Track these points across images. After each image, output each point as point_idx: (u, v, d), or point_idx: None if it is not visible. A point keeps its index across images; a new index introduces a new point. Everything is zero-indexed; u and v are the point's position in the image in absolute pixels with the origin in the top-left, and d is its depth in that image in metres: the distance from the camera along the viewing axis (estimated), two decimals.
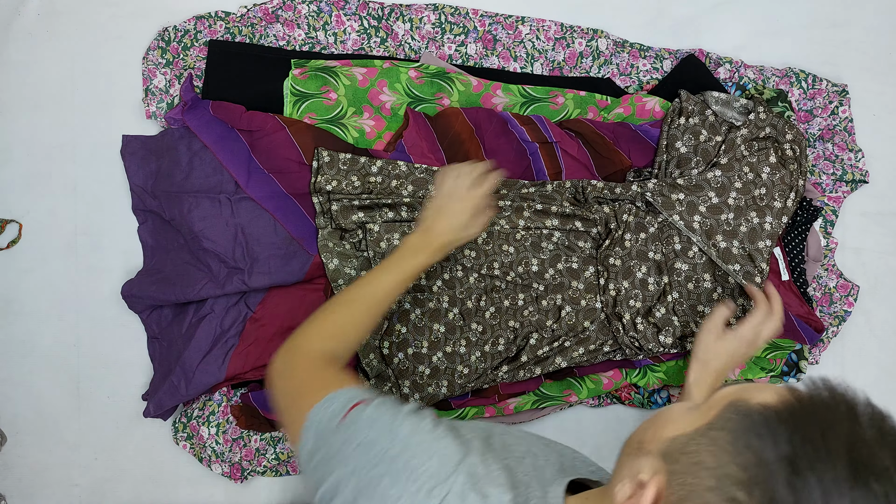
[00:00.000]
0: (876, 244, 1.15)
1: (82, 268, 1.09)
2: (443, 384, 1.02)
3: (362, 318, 0.82)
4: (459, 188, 0.90)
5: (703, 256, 1.04)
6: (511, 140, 1.05)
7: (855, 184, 1.14)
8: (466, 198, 0.90)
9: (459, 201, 0.89)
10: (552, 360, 1.03)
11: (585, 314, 1.04)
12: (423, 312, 1.01)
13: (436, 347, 1.02)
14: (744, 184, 1.03)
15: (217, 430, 1.06)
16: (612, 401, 1.12)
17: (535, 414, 1.10)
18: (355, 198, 1.00)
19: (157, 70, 1.07)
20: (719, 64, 1.11)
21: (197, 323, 1.01)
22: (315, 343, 0.77)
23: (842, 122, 1.13)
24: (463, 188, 0.90)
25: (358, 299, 0.83)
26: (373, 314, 0.82)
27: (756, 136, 1.05)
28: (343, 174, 1.01)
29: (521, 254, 1.04)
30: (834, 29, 1.15)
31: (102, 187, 1.09)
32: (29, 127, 1.09)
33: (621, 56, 1.12)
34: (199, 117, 1.02)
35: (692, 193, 1.03)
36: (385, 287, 0.84)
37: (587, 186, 1.04)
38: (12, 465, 1.09)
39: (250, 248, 1.01)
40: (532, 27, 1.11)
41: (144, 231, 1.07)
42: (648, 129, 1.06)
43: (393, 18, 1.09)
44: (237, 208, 1.01)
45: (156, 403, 1.02)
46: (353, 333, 0.81)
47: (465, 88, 1.05)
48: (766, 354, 1.07)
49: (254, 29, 1.07)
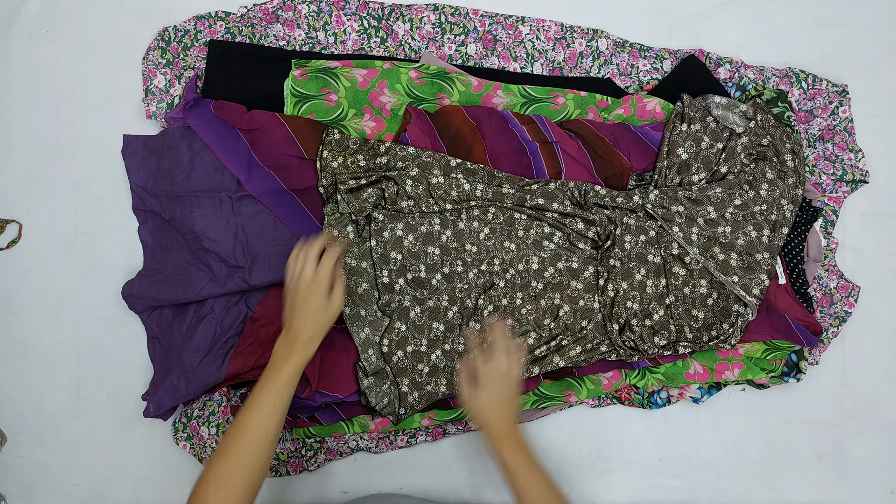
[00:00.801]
0: (876, 244, 1.15)
1: (82, 268, 1.09)
2: (442, 382, 1.02)
3: (259, 443, 0.82)
4: (305, 276, 0.89)
5: (701, 262, 1.04)
6: (511, 139, 1.05)
7: (855, 184, 1.14)
8: (314, 282, 0.88)
9: (307, 289, 0.88)
10: (550, 360, 1.03)
11: (583, 314, 1.04)
12: (423, 311, 1.02)
13: (434, 345, 1.02)
14: (743, 201, 1.03)
15: (217, 430, 1.06)
16: (612, 401, 1.12)
17: (536, 414, 1.10)
18: (361, 176, 1.00)
19: (157, 70, 1.07)
20: (719, 64, 1.11)
21: (197, 323, 1.01)
22: (217, 497, 0.78)
23: (842, 122, 1.13)
24: (308, 274, 0.89)
25: (249, 423, 0.82)
26: (268, 432, 0.83)
27: (757, 143, 1.06)
28: (350, 153, 1.01)
29: (523, 251, 1.04)
30: (834, 29, 1.15)
31: (102, 187, 1.09)
32: (29, 127, 1.09)
33: (621, 56, 1.12)
34: (201, 116, 1.02)
35: (692, 207, 1.03)
36: (271, 400, 0.84)
37: (590, 191, 1.04)
38: (12, 465, 1.09)
39: (250, 245, 1.01)
40: (532, 27, 1.11)
41: (144, 231, 1.07)
42: (649, 131, 1.06)
43: (393, 18, 1.09)
44: (238, 206, 1.02)
45: (156, 403, 1.02)
46: (254, 465, 0.81)
47: (465, 88, 1.05)
48: (765, 355, 1.07)
49: (254, 29, 1.07)
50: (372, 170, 1.03)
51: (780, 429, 1.14)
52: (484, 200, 1.03)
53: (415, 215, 1.01)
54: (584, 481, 1.13)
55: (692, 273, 1.04)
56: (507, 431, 0.86)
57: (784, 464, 1.15)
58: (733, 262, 1.03)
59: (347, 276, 1.01)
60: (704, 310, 1.04)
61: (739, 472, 1.14)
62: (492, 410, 0.86)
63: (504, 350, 0.88)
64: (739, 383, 1.12)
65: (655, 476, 1.14)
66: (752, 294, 1.02)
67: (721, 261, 1.03)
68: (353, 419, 1.06)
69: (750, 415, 1.14)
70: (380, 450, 1.10)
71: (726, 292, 1.04)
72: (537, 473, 0.84)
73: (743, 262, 1.03)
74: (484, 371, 0.87)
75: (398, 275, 1.01)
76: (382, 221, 1.00)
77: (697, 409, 1.13)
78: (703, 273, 1.04)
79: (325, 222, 1.02)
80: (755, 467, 1.14)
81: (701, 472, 1.14)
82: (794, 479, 1.15)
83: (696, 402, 1.12)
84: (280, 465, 1.08)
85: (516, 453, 0.85)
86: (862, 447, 1.15)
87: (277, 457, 1.07)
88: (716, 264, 1.03)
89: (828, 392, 1.15)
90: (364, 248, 1.02)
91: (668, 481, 1.14)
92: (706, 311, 1.04)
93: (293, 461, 1.08)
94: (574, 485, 1.13)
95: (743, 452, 1.14)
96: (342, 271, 0.93)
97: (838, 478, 1.15)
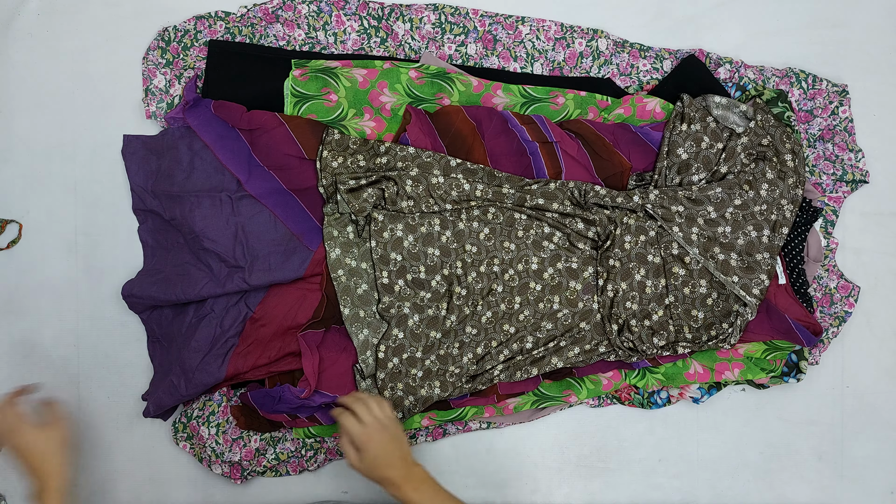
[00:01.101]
0: (876, 244, 1.15)
1: (82, 268, 1.09)
2: (435, 385, 1.02)
3: None
4: None
5: (701, 262, 1.04)
6: (511, 139, 1.05)
7: (855, 184, 1.14)
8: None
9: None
10: (548, 361, 1.03)
11: (582, 315, 1.04)
12: (422, 319, 1.01)
13: (430, 351, 1.02)
14: (743, 201, 1.03)
15: (217, 430, 1.06)
16: (612, 401, 1.12)
17: (536, 414, 1.10)
18: (361, 176, 1.00)
19: (157, 70, 1.07)
20: (719, 64, 1.11)
21: (197, 323, 1.01)
22: None
23: (842, 122, 1.13)
24: None
25: None
26: None
27: (757, 143, 1.06)
28: (350, 153, 1.01)
29: (522, 251, 1.04)
30: (834, 29, 1.15)
31: (102, 187, 1.09)
32: (29, 127, 1.09)
33: (621, 56, 1.12)
34: (200, 116, 1.02)
35: (692, 207, 1.03)
36: None
37: (590, 191, 1.04)
38: (12, 465, 1.09)
39: (250, 245, 1.01)
40: (532, 27, 1.11)
41: (144, 231, 1.07)
42: (649, 131, 1.06)
43: (393, 18, 1.09)
44: (238, 206, 1.02)
45: (155, 403, 1.02)
46: None
47: (465, 88, 1.05)
48: (766, 355, 1.07)
49: (254, 29, 1.07)
50: (372, 170, 1.03)
51: (779, 429, 1.14)
52: (484, 200, 1.03)
53: (415, 215, 1.01)
54: (584, 481, 1.13)
55: (692, 273, 1.04)
56: (403, 475, 0.86)
57: (784, 464, 1.15)
58: (733, 262, 1.03)
59: (347, 277, 1.01)
60: (704, 310, 1.04)
61: (739, 472, 1.14)
62: (380, 464, 0.86)
63: (362, 404, 0.89)
64: (739, 383, 1.12)
65: (655, 476, 1.14)
66: (752, 294, 1.02)
67: (721, 261, 1.03)
68: None
69: (750, 415, 1.14)
70: None
71: (726, 292, 1.04)
72: (448, 500, 0.86)
73: (743, 262, 1.03)
74: (357, 431, 0.87)
75: (398, 276, 1.01)
76: (382, 222, 1.00)
77: (697, 409, 1.13)
78: (703, 273, 1.04)
79: (325, 222, 1.02)
80: (755, 467, 1.14)
81: (701, 472, 1.14)
82: (794, 479, 1.15)
83: (696, 402, 1.12)
84: (280, 465, 1.08)
85: (420, 487, 0.86)
86: (862, 447, 1.15)
87: (277, 457, 1.07)
88: (716, 264, 1.03)
89: (828, 392, 1.15)
90: (364, 249, 1.02)
91: (668, 481, 1.14)
92: (706, 312, 1.04)
93: (293, 461, 1.08)
94: (574, 485, 1.13)
95: (743, 452, 1.14)
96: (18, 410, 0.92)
97: (838, 478, 1.15)
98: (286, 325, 1.01)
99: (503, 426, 1.11)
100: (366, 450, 0.87)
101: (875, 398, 1.15)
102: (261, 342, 1.01)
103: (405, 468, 0.87)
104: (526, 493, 1.13)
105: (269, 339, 1.01)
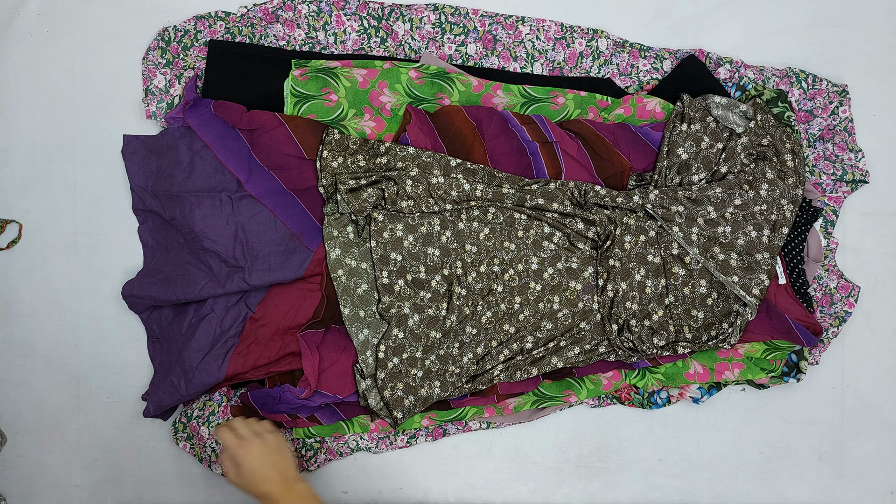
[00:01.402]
0: (876, 244, 1.15)
1: (82, 268, 1.09)
2: (435, 385, 1.02)
3: None
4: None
5: (701, 262, 1.04)
6: (511, 139, 1.05)
7: (855, 184, 1.14)
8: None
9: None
10: (548, 360, 1.03)
11: (582, 315, 1.04)
12: (422, 319, 1.01)
13: (430, 351, 1.02)
14: (743, 201, 1.03)
15: None
16: (612, 401, 1.12)
17: (536, 414, 1.10)
18: (361, 176, 1.00)
19: (157, 70, 1.07)
20: (719, 64, 1.11)
21: (197, 323, 1.01)
22: None
23: (842, 122, 1.13)
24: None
25: None
26: None
27: (757, 143, 1.06)
28: (350, 153, 1.01)
29: (522, 251, 1.04)
30: (834, 29, 1.15)
31: (102, 187, 1.09)
32: (29, 127, 1.09)
33: (621, 56, 1.12)
34: (200, 116, 1.02)
35: (692, 207, 1.03)
36: None
37: (590, 191, 1.04)
38: (12, 465, 1.09)
39: (250, 245, 1.01)
40: (532, 27, 1.11)
41: (144, 231, 1.07)
42: (649, 131, 1.06)
43: (393, 18, 1.09)
44: (238, 206, 1.02)
45: (155, 403, 1.02)
46: None
47: (465, 88, 1.05)
48: (766, 355, 1.07)
49: (254, 29, 1.07)
50: (372, 170, 1.03)
51: (779, 429, 1.15)
52: (484, 200, 1.03)
53: (415, 215, 1.01)
54: (583, 481, 1.13)
55: (692, 273, 1.04)
56: (282, 491, 0.86)
57: (784, 464, 1.15)
58: (733, 262, 1.03)
59: (347, 277, 1.01)
60: (704, 310, 1.04)
61: (739, 472, 1.14)
62: (256, 478, 0.86)
63: (241, 420, 0.90)
64: (739, 383, 1.12)
65: (655, 476, 1.14)
66: (752, 294, 1.02)
67: (721, 261, 1.03)
68: (353, 419, 1.06)
69: (750, 415, 1.14)
70: (380, 450, 1.10)
71: (726, 292, 1.04)
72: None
73: (743, 262, 1.03)
74: (232, 444, 0.88)
75: (398, 276, 1.01)
76: (382, 222, 1.00)
77: (697, 409, 1.13)
78: (703, 273, 1.04)
79: (325, 222, 1.02)
80: (755, 467, 1.14)
81: (701, 472, 1.14)
82: (794, 479, 1.15)
83: (696, 402, 1.12)
84: None
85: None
86: (862, 447, 1.15)
87: None
88: (716, 264, 1.03)
89: (828, 392, 1.15)
90: (364, 249, 1.02)
91: (668, 481, 1.14)
92: (706, 311, 1.04)
93: None
94: (574, 485, 1.13)
95: (743, 452, 1.14)
96: None
97: (838, 478, 1.15)
98: (286, 325, 1.01)
99: (503, 426, 1.11)
100: (242, 464, 0.86)
101: (875, 398, 1.15)
102: (261, 342, 1.01)
103: (283, 484, 0.86)
104: (526, 493, 1.13)
105: (269, 339, 1.01)
